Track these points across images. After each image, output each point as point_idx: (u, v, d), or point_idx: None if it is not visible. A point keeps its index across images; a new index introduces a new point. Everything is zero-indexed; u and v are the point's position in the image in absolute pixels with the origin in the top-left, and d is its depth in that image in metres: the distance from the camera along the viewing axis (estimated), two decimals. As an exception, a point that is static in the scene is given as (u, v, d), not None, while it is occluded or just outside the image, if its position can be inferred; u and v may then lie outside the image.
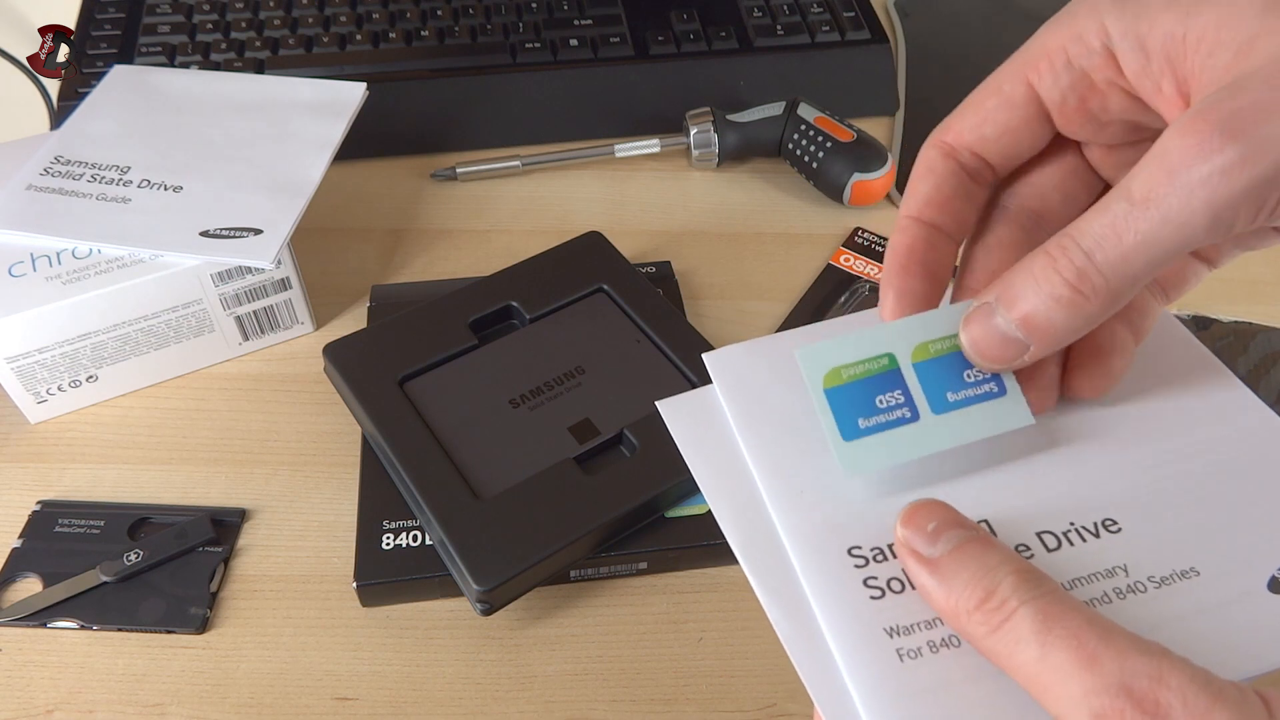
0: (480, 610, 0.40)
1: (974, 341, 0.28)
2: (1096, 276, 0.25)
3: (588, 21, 0.65)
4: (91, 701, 0.39)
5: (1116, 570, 0.28)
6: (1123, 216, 0.24)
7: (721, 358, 0.34)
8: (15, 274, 0.46)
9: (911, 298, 0.29)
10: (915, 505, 0.28)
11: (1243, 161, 0.22)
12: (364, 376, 0.46)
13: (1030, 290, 0.26)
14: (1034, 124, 0.29)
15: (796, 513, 0.30)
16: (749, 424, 0.32)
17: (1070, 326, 0.26)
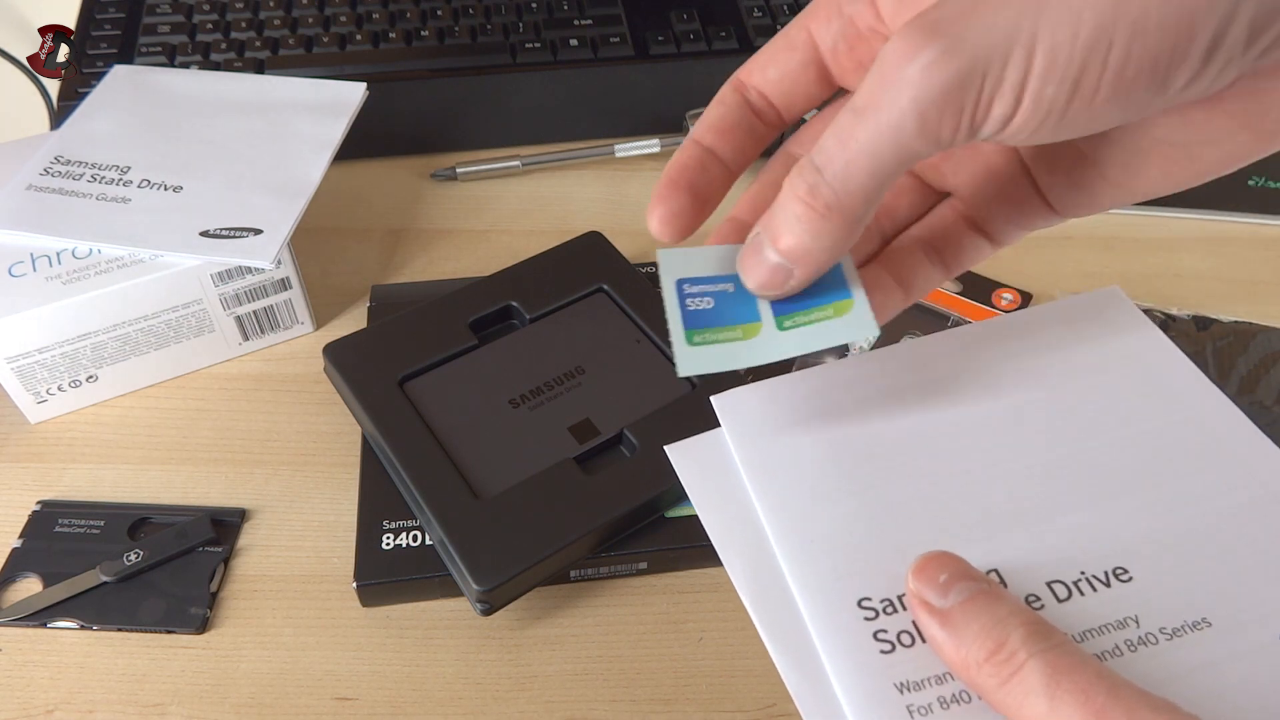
0: (480, 610, 0.40)
1: (746, 269, 0.29)
2: (826, 190, 0.25)
3: (588, 21, 0.65)
4: (91, 701, 0.39)
5: (1128, 621, 0.28)
6: (846, 127, 0.24)
7: (730, 400, 0.34)
8: (15, 274, 0.46)
9: (676, 215, 0.29)
10: (927, 557, 0.28)
11: (942, 57, 0.23)
12: (364, 376, 0.46)
13: (780, 215, 0.27)
14: (811, 71, 0.30)
15: (806, 563, 0.30)
16: (758, 469, 0.32)
17: (819, 246, 0.26)
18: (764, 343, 0.29)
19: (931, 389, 0.34)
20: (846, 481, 0.32)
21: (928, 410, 0.34)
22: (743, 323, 0.29)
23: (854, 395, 0.34)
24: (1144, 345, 0.36)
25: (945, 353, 0.36)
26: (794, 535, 0.30)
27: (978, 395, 0.34)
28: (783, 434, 0.33)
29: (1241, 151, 0.27)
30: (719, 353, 0.29)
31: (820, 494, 0.31)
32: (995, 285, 0.55)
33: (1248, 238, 0.59)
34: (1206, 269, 0.57)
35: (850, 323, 0.29)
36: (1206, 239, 0.58)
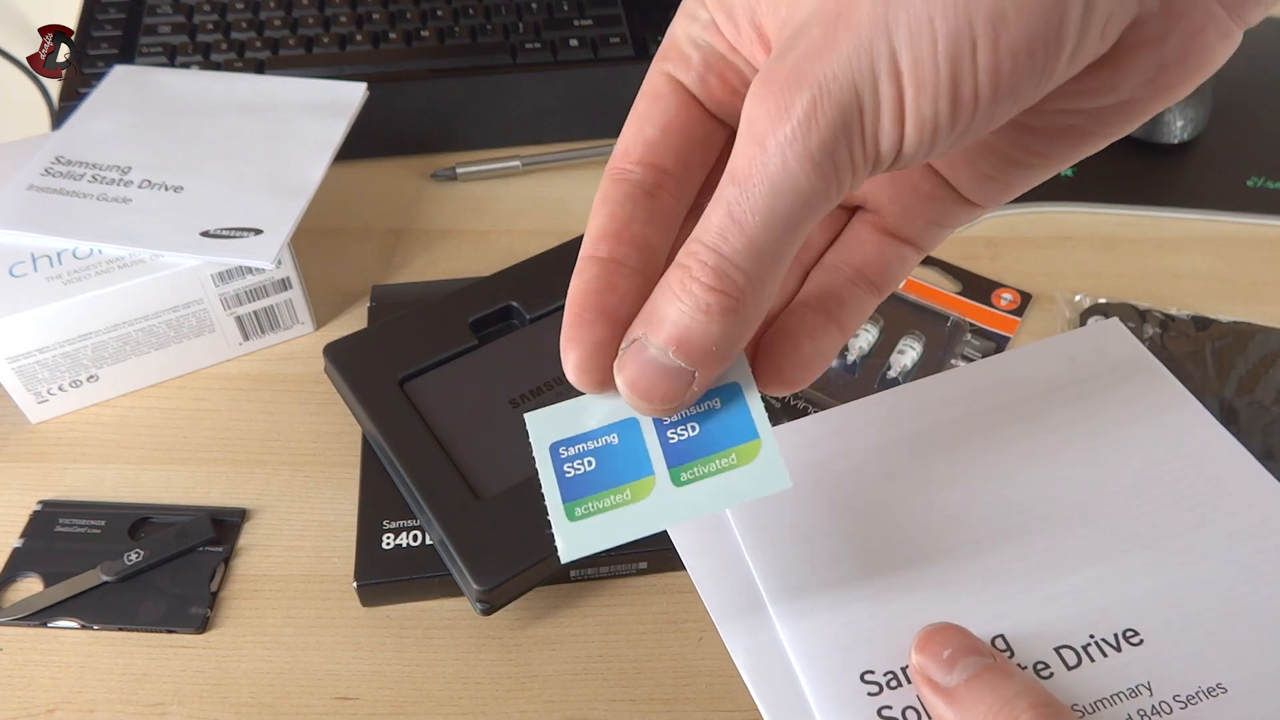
0: (480, 610, 0.40)
1: (632, 383, 0.24)
2: (735, 272, 0.22)
3: (588, 21, 0.65)
4: (92, 701, 0.39)
5: (1140, 689, 0.27)
6: (736, 201, 0.22)
7: None
8: (16, 274, 0.46)
9: (593, 353, 0.25)
10: (930, 630, 0.27)
11: (814, 105, 0.21)
12: (364, 376, 0.46)
13: (673, 309, 0.23)
14: (691, 113, 0.27)
15: (806, 632, 0.28)
16: (753, 530, 0.31)
17: (728, 336, 0.23)
18: (658, 504, 0.25)
19: (930, 438, 0.33)
20: (845, 544, 0.30)
21: (927, 463, 0.32)
22: (632, 480, 0.25)
23: (851, 446, 0.33)
24: (1147, 385, 0.34)
25: (944, 398, 0.34)
26: (793, 603, 0.29)
27: (979, 444, 0.33)
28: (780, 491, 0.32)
29: (1143, 106, 0.25)
30: (607, 525, 0.25)
31: (819, 558, 0.30)
32: (995, 285, 0.55)
33: (1247, 238, 0.59)
34: (1206, 269, 0.57)
35: (758, 473, 0.25)
36: (1206, 239, 0.58)
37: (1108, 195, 0.61)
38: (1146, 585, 0.29)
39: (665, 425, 0.26)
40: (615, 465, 0.25)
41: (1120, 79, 0.24)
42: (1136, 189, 0.61)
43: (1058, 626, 0.28)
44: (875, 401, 0.34)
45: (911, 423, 0.34)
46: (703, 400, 0.25)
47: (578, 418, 0.26)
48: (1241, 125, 0.65)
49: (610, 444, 0.26)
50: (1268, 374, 0.50)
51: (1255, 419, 0.47)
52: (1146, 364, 0.35)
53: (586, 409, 0.26)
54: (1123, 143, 0.66)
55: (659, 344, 0.23)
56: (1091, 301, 0.54)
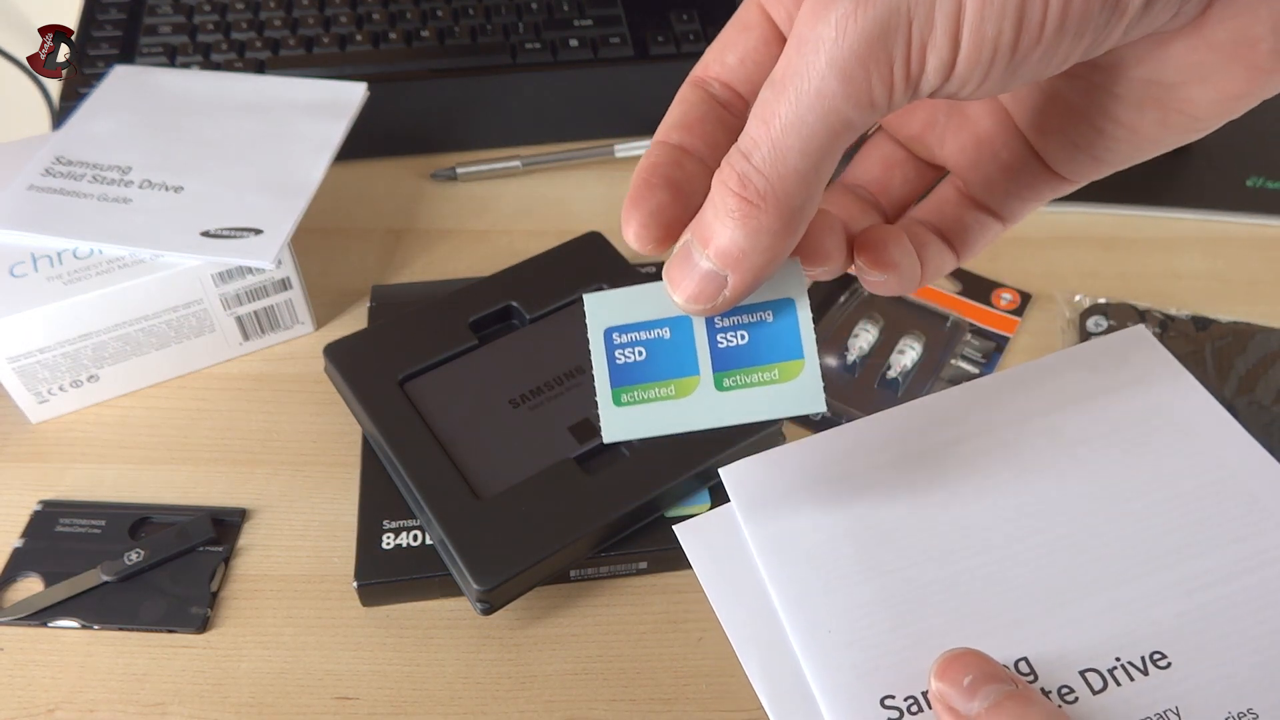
0: (480, 610, 0.40)
1: (675, 283, 0.25)
2: (758, 178, 0.22)
3: (588, 21, 0.65)
4: (92, 701, 0.39)
5: (1168, 715, 0.26)
6: (768, 103, 0.22)
7: (739, 473, 0.32)
8: (16, 274, 0.46)
9: (655, 215, 0.25)
10: (950, 656, 0.26)
11: (854, 11, 0.20)
12: (364, 376, 0.46)
13: (710, 215, 0.23)
14: (773, 48, 0.27)
15: (825, 656, 0.28)
16: (771, 552, 0.30)
17: (755, 245, 0.23)
18: (699, 404, 0.26)
19: (950, 454, 0.32)
20: (864, 565, 0.30)
21: (946, 479, 0.31)
22: (677, 377, 0.26)
23: (868, 463, 0.32)
24: (1174, 395, 0.33)
25: (963, 411, 0.33)
26: (811, 626, 0.28)
27: (999, 459, 0.32)
28: (796, 511, 0.31)
29: (1237, 89, 0.24)
30: (649, 415, 0.26)
31: (837, 579, 0.29)
32: (995, 285, 0.55)
33: (1247, 238, 0.59)
34: (1206, 269, 0.57)
35: (798, 392, 0.26)
36: (1206, 239, 0.58)
37: (1108, 195, 0.61)
38: (1174, 607, 0.28)
39: (716, 329, 0.26)
40: (664, 359, 0.26)
41: (1206, 55, 0.23)
42: (1136, 189, 0.61)
43: (1083, 649, 0.27)
44: (891, 416, 0.33)
45: (929, 438, 0.33)
46: (755, 310, 0.26)
47: (634, 306, 0.27)
48: (1241, 125, 0.65)
49: (662, 338, 0.26)
50: (1267, 374, 0.50)
51: (1255, 419, 0.47)
52: (1174, 373, 0.34)
53: (644, 299, 0.27)
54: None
55: (702, 249, 0.24)
56: (1091, 301, 0.54)
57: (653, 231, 0.25)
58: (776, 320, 0.26)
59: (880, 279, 0.27)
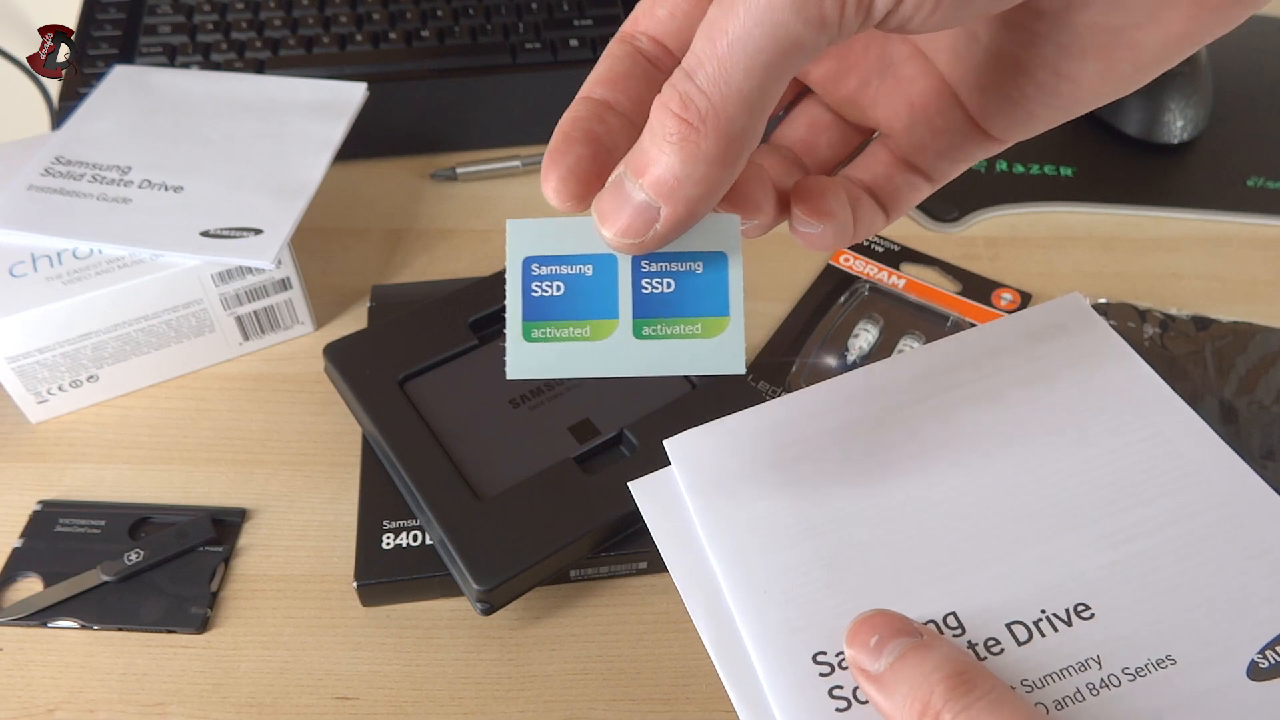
0: (480, 610, 0.40)
1: (603, 215, 0.23)
2: (700, 98, 0.21)
3: (588, 22, 0.65)
4: (92, 701, 0.39)
5: (1089, 663, 0.27)
6: (715, 20, 0.21)
7: (684, 445, 0.33)
8: (16, 274, 0.46)
9: (574, 170, 0.25)
10: (858, 620, 0.27)
11: None
12: (364, 376, 0.46)
13: (648, 141, 0.22)
14: (704, 4, 0.25)
15: (759, 615, 0.29)
16: (710, 516, 0.31)
17: (693, 174, 0.22)
18: (613, 350, 0.25)
19: (888, 420, 0.33)
20: (800, 527, 0.30)
21: (884, 444, 0.32)
22: (594, 318, 0.25)
23: (809, 430, 0.33)
24: (1105, 357, 0.34)
25: (902, 379, 0.34)
26: (746, 585, 0.29)
27: (936, 423, 0.33)
28: (736, 478, 0.32)
29: (1187, 29, 0.24)
30: (560, 355, 0.25)
31: (773, 541, 0.30)
32: (995, 285, 0.55)
33: (1247, 238, 0.59)
34: (1206, 269, 0.57)
35: (718, 350, 0.25)
36: (1206, 239, 0.58)
37: (1108, 195, 0.61)
38: (1100, 559, 0.29)
39: (642, 273, 0.25)
40: (583, 298, 0.25)
41: None
42: (1136, 189, 0.61)
43: (1009, 603, 0.28)
44: (836, 384, 0.34)
45: (871, 405, 0.34)
46: (685, 259, 0.25)
47: (560, 238, 0.25)
48: (1241, 125, 0.65)
49: (583, 275, 0.25)
50: (1268, 374, 0.50)
51: (1255, 419, 0.47)
52: (1105, 339, 0.35)
53: (571, 232, 0.25)
54: (1123, 142, 0.66)
55: (628, 171, 0.23)
56: (1091, 301, 0.54)
57: (571, 187, 0.24)
58: (706, 273, 0.25)
59: (815, 230, 0.27)
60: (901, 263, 0.56)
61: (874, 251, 0.57)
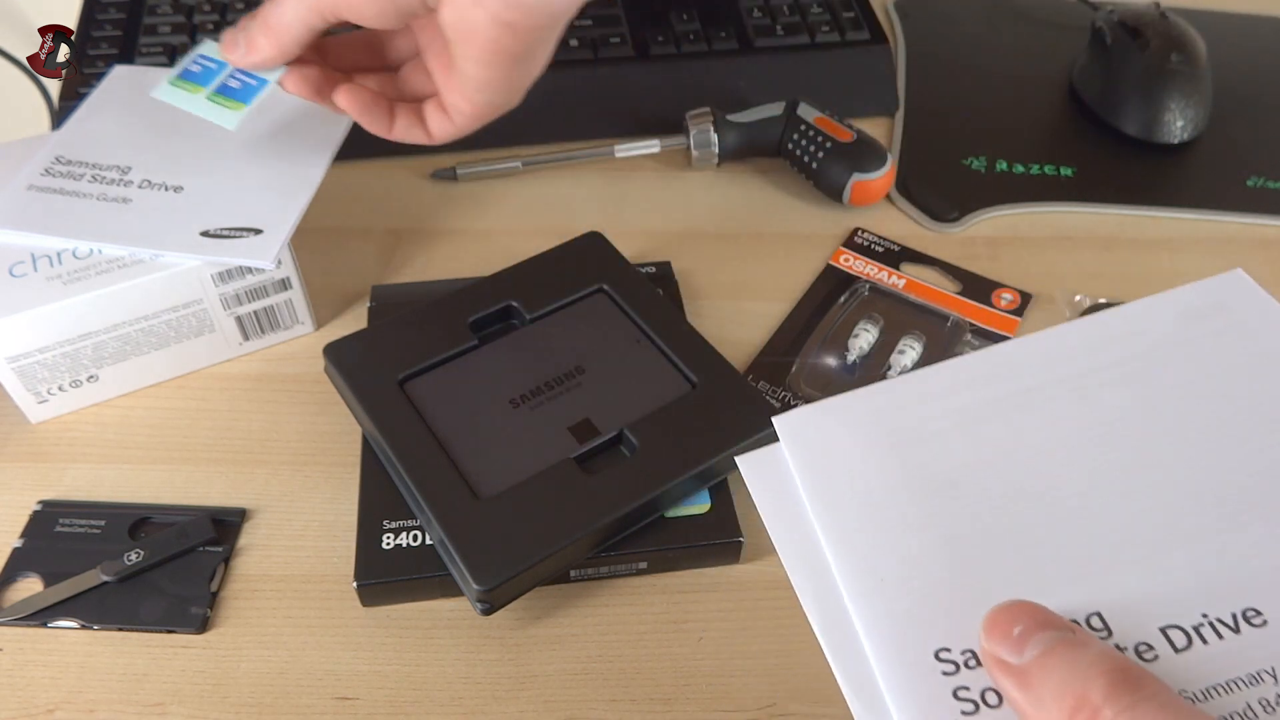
0: (480, 610, 0.40)
1: (225, 44, 0.46)
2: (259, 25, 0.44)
3: (588, 21, 0.65)
4: (92, 701, 0.39)
5: (1263, 675, 0.24)
6: None
7: (793, 421, 0.30)
8: (16, 274, 0.46)
9: None
10: (999, 609, 0.25)
11: None
12: (364, 376, 0.46)
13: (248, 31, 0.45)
14: None
15: (876, 605, 0.26)
16: (822, 498, 0.28)
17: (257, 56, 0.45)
18: (197, 101, 0.46)
19: (1019, 402, 0.30)
20: (921, 511, 0.28)
21: (1014, 427, 0.29)
22: (202, 86, 0.47)
23: (929, 412, 0.30)
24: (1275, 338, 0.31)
25: (1034, 359, 0.31)
26: (862, 573, 0.27)
27: (1075, 407, 0.30)
28: (850, 457, 0.29)
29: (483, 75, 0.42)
30: (178, 95, 0.47)
31: (891, 525, 0.27)
32: (995, 285, 0.55)
33: (1248, 238, 0.59)
34: (1206, 269, 0.57)
35: (214, 110, 0.46)
36: (1206, 239, 0.58)
37: (1108, 195, 0.61)
38: (1273, 560, 0.25)
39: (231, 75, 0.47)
40: (205, 78, 0.47)
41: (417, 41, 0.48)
42: (1136, 189, 0.61)
43: (1164, 604, 0.25)
44: (960, 364, 0.31)
45: (1001, 385, 0.31)
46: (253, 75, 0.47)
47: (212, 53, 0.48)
48: (1241, 125, 0.65)
49: (215, 71, 0.47)
50: (1268, 374, 0.50)
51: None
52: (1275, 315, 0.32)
53: None
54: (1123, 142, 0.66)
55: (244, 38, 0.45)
56: (1092, 301, 0.54)
57: None
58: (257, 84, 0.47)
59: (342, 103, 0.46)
60: (901, 263, 0.56)
61: (874, 251, 0.57)
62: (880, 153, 0.58)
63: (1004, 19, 0.74)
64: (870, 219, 0.59)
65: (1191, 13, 0.69)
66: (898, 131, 0.64)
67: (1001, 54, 0.71)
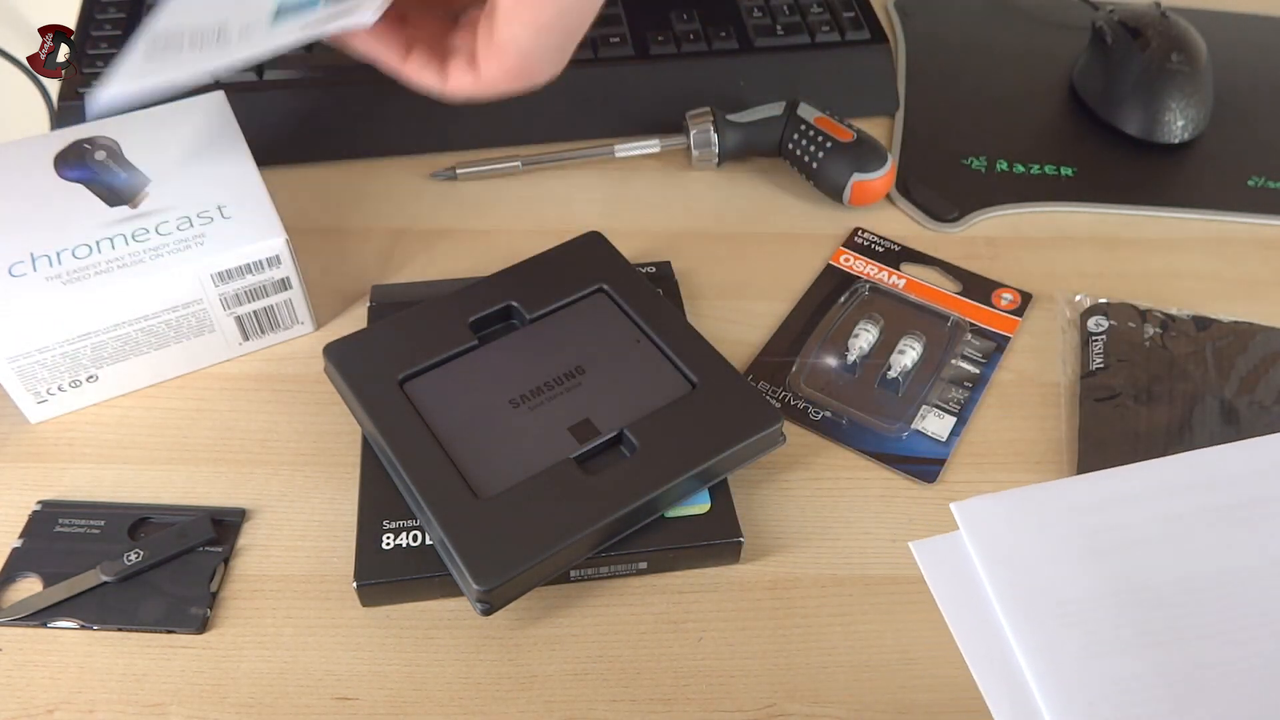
0: (480, 610, 0.40)
1: None
2: None
3: (588, 21, 0.65)
4: (92, 701, 0.39)
5: None
6: None
7: (973, 510, 0.28)
8: (15, 274, 0.46)
9: None
10: None
11: None
12: (364, 376, 0.46)
13: None
14: None
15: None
16: (1012, 601, 0.26)
17: None
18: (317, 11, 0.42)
19: (1231, 517, 0.27)
20: (1133, 631, 0.25)
21: (1229, 546, 0.26)
22: None
23: (1130, 517, 0.28)
24: None
25: (1243, 470, 0.29)
26: (1069, 696, 0.24)
27: None
28: (1042, 559, 0.27)
29: None
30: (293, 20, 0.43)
31: (1098, 644, 0.25)
32: (995, 285, 0.55)
33: (1248, 238, 0.59)
34: (1206, 269, 0.57)
35: None
36: (1206, 239, 0.58)
37: (1108, 195, 0.61)
38: None
39: None
40: None
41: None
42: (1137, 189, 0.61)
43: None
44: (1158, 467, 0.29)
45: (1218, 495, 0.28)
46: None
47: None
48: (1241, 125, 0.65)
49: None
50: (1268, 374, 0.50)
51: (1256, 419, 0.47)
52: None
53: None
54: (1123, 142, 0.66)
55: None
56: (1092, 301, 0.54)
57: None
58: None
59: None
60: (902, 263, 0.56)
61: (874, 251, 0.57)
62: (880, 152, 0.58)
63: (1004, 19, 0.74)
64: (870, 219, 0.59)
65: (1191, 13, 0.69)
66: (898, 131, 0.64)
67: (1002, 54, 0.71)
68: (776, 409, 0.45)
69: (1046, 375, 0.51)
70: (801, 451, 0.48)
